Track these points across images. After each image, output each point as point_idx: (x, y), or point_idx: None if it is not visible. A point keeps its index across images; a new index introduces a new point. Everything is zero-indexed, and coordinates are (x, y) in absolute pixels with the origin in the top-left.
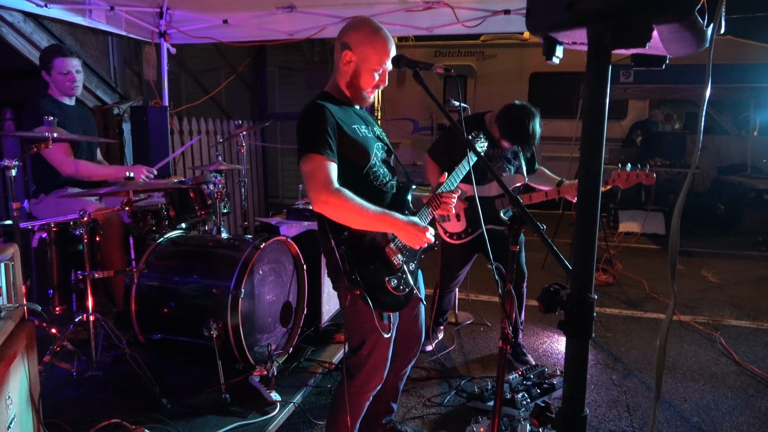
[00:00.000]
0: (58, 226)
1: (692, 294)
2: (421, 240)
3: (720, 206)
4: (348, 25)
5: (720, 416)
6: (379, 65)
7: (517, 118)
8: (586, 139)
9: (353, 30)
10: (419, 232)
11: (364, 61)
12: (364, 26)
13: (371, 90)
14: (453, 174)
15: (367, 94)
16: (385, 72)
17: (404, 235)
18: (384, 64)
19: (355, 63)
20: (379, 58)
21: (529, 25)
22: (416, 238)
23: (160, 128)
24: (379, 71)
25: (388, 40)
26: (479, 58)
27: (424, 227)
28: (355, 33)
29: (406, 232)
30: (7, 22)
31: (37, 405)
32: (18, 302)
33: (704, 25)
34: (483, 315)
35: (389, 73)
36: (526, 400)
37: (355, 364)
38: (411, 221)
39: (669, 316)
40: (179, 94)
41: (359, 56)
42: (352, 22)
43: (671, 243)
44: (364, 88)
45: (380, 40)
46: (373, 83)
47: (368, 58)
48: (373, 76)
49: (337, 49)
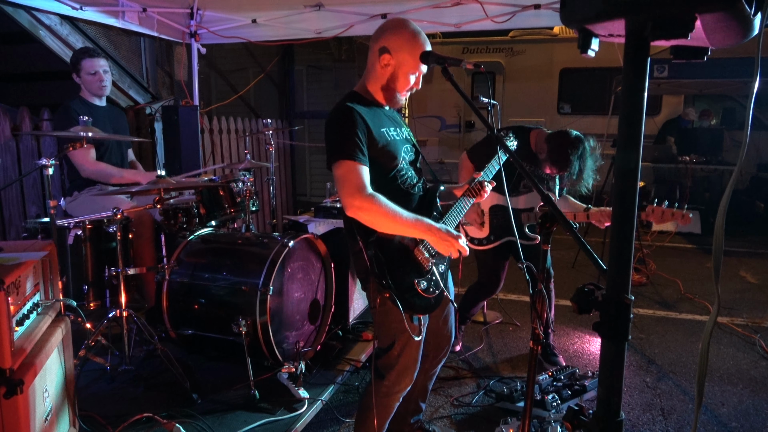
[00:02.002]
0: (92, 224)
1: (730, 295)
2: (454, 248)
3: (759, 204)
4: (385, 27)
5: (760, 422)
6: (416, 69)
7: (569, 150)
8: (624, 135)
9: (391, 33)
10: (452, 240)
11: (402, 65)
12: (403, 30)
13: (405, 92)
14: (485, 170)
15: (401, 96)
16: (420, 74)
17: (437, 241)
18: (421, 67)
19: (393, 67)
20: (418, 61)
21: (564, 18)
22: (449, 245)
23: (190, 127)
24: (416, 75)
25: (426, 44)
26: (508, 55)
27: (457, 235)
28: (393, 36)
29: (439, 238)
30: (44, 25)
31: (72, 398)
32: (55, 298)
33: (752, 13)
34: (512, 314)
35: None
36: (556, 402)
37: (385, 365)
38: (444, 229)
39: (713, 319)
40: (209, 93)
41: (398, 60)
42: (390, 24)
43: (715, 243)
44: (400, 91)
45: (419, 44)
46: (408, 86)
47: (407, 62)
48: (410, 79)
49: (373, 51)
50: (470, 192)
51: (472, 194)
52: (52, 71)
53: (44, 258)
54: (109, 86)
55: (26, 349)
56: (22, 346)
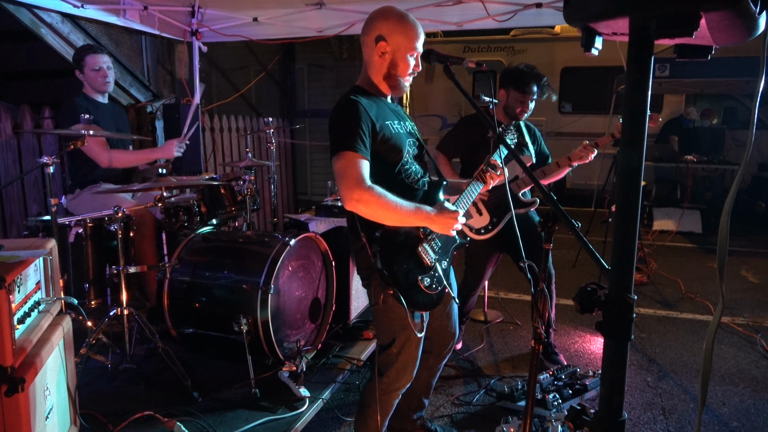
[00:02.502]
0: (93, 222)
1: (731, 294)
2: (453, 224)
3: (761, 204)
4: (372, 17)
5: (762, 421)
6: (413, 49)
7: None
8: (627, 134)
9: (380, 21)
10: (450, 218)
11: (399, 48)
12: (390, 15)
13: (408, 77)
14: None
15: (404, 81)
16: (419, 55)
17: (437, 224)
18: (417, 47)
19: (390, 53)
20: (412, 42)
21: (567, 16)
22: (448, 224)
23: (191, 125)
24: (414, 55)
25: (415, 23)
26: (509, 54)
27: (455, 211)
28: (383, 23)
29: (439, 221)
30: (45, 23)
31: (73, 396)
32: (56, 296)
33: (756, 12)
34: (513, 313)
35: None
36: (557, 401)
37: (385, 362)
38: (440, 210)
39: (716, 319)
40: (210, 91)
41: (393, 45)
42: (376, 13)
43: (720, 242)
44: (402, 76)
45: (409, 24)
46: (409, 69)
47: (402, 45)
48: (409, 61)
49: (367, 44)
50: (480, 177)
51: (480, 179)
52: (54, 69)
53: (45, 256)
54: (112, 82)
55: (27, 347)
56: (23, 344)
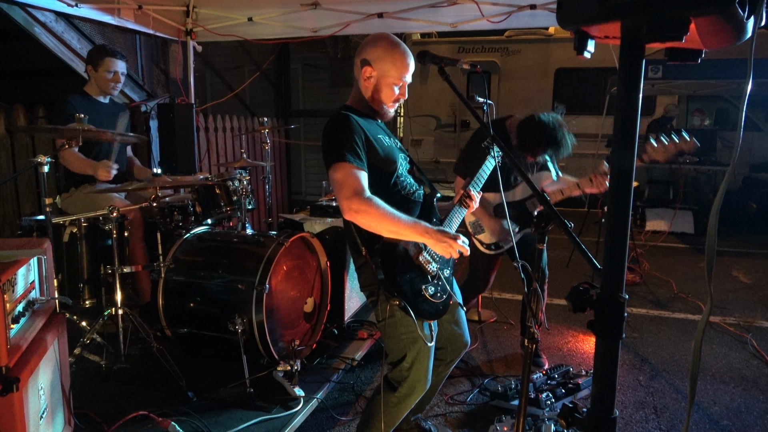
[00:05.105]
0: (88, 221)
1: (722, 294)
2: (453, 248)
3: (752, 204)
4: (366, 41)
5: (752, 420)
6: (398, 79)
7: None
8: (619, 135)
9: (371, 46)
10: (450, 241)
11: (384, 76)
12: (382, 42)
13: (392, 104)
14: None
15: (388, 108)
16: (404, 85)
17: (435, 243)
18: (403, 78)
19: (375, 78)
20: (399, 72)
21: (560, 19)
22: (447, 246)
23: (186, 125)
24: (399, 85)
25: (406, 54)
26: (503, 54)
27: (455, 235)
28: (373, 49)
29: (437, 240)
30: (39, 22)
31: (67, 396)
32: (50, 296)
33: (745, 16)
34: (506, 313)
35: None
36: (550, 400)
37: (397, 378)
38: (442, 230)
39: (705, 319)
40: (204, 91)
41: (379, 71)
42: (370, 38)
43: (708, 243)
44: (385, 102)
45: (399, 54)
46: (393, 97)
47: (388, 73)
48: (393, 90)
49: (357, 66)
50: (461, 202)
51: (463, 204)
52: (47, 68)
53: (39, 256)
54: (119, 88)
55: (22, 346)
56: (17, 343)
